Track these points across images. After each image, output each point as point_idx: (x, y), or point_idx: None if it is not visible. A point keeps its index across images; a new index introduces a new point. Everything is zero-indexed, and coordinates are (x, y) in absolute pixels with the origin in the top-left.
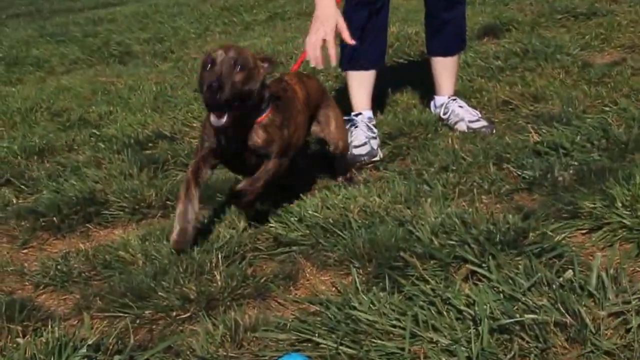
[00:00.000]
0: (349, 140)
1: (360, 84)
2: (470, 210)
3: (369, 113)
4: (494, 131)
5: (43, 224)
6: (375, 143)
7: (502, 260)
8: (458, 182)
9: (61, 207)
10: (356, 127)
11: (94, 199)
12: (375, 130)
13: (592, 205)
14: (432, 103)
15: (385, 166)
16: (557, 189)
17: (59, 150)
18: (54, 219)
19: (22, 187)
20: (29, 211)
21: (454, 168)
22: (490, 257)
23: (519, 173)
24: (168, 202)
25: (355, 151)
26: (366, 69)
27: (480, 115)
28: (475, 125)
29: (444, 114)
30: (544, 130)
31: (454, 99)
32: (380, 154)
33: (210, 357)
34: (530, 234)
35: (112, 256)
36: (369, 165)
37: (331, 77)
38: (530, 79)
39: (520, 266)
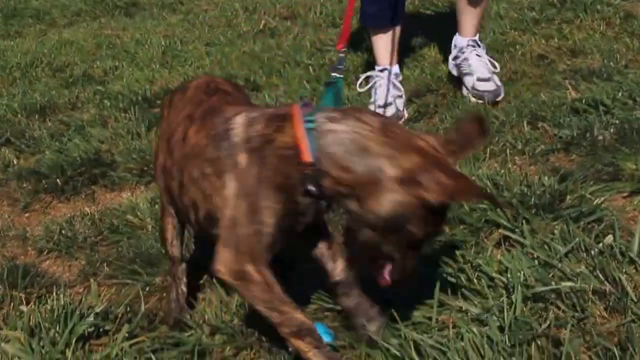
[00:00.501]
0: (372, 100)
1: (382, 38)
2: (503, 171)
3: (395, 69)
4: (499, 98)
5: (45, 186)
6: (401, 102)
7: (537, 225)
8: (490, 142)
9: (65, 169)
10: (380, 85)
11: (99, 160)
12: (401, 88)
13: (634, 167)
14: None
15: (411, 126)
16: (597, 149)
17: (62, 108)
18: (57, 180)
19: (23, 147)
20: (30, 173)
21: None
22: (523, 222)
23: (556, 132)
24: None
25: (380, 112)
26: (386, 25)
27: (495, 71)
28: (480, 87)
29: (455, 58)
30: (582, 87)
31: (473, 46)
32: (405, 113)
33: (225, 327)
34: (568, 197)
35: (119, 220)
36: None
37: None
38: (567, 31)
39: (556, 231)
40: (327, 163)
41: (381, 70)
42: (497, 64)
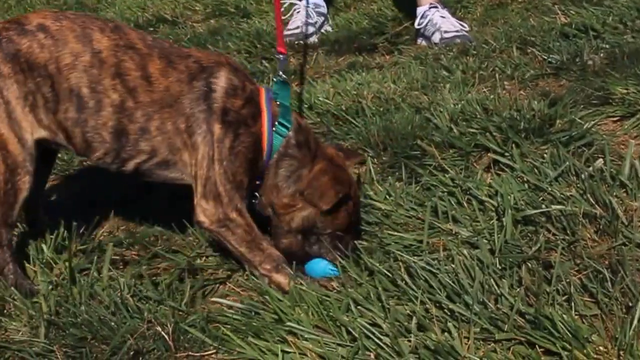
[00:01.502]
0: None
1: None
2: (492, 96)
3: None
4: (472, 42)
5: None
6: (309, 29)
7: (527, 148)
8: (479, 67)
9: None
10: (298, 11)
11: None
12: (315, 17)
13: (625, 91)
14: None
15: (400, 50)
16: (587, 74)
17: None
18: None
19: None
20: None
21: (475, 52)
22: (513, 146)
23: (545, 57)
24: None
25: (286, 32)
26: None
27: (463, 28)
28: (448, 35)
29: (419, 25)
30: (572, 11)
31: (435, 7)
32: (315, 40)
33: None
34: (557, 121)
35: None
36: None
37: None
38: None
39: (546, 155)
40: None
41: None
42: (465, 25)
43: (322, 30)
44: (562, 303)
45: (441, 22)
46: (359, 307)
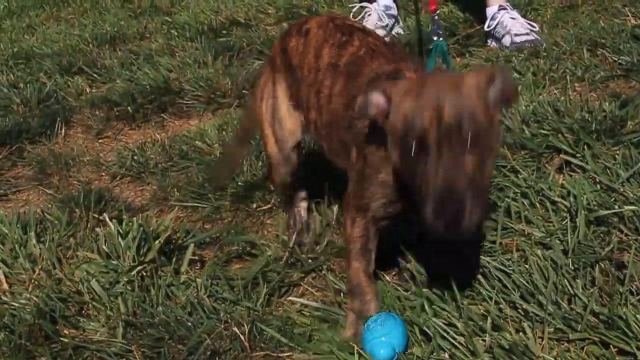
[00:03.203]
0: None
1: None
2: (563, 98)
3: (386, 1)
4: (543, 45)
5: (117, 113)
6: (381, 32)
7: (598, 150)
8: (550, 69)
9: (135, 96)
10: (369, 14)
11: (168, 88)
12: (386, 20)
13: None
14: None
15: (471, 52)
16: None
17: (131, 38)
18: (129, 108)
19: (95, 76)
20: (102, 101)
21: (545, 54)
22: (585, 147)
23: (615, 59)
24: (244, 91)
25: None
26: None
27: (533, 30)
28: (518, 39)
29: (488, 27)
30: None
31: (504, 8)
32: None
33: (291, 249)
34: (629, 122)
35: (188, 146)
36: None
37: None
38: None
39: (617, 156)
40: None
41: (371, 2)
42: (535, 25)
43: (394, 33)
44: (635, 303)
45: (511, 24)
46: (433, 306)
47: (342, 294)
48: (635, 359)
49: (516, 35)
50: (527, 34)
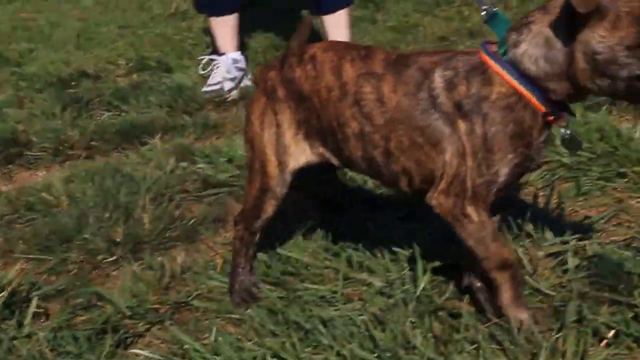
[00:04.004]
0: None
1: (219, 25)
2: None
3: (234, 55)
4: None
5: None
6: (229, 84)
7: None
8: None
9: None
10: (218, 67)
11: (16, 140)
12: (235, 72)
13: None
14: None
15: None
16: None
17: None
18: None
19: None
20: None
21: None
22: None
23: None
24: (92, 143)
25: (206, 88)
26: (221, 13)
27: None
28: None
29: None
30: None
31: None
32: (235, 94)
33: (137, 301)
34: None
35: (35, 198)
36: None
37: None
38: (467, 13)
39: None
40: (541, 79)
41: (220, 55)
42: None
43: (242, 85)
44: (470, 351)
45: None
46: (274, 358)
47: (184, 346)
48: None
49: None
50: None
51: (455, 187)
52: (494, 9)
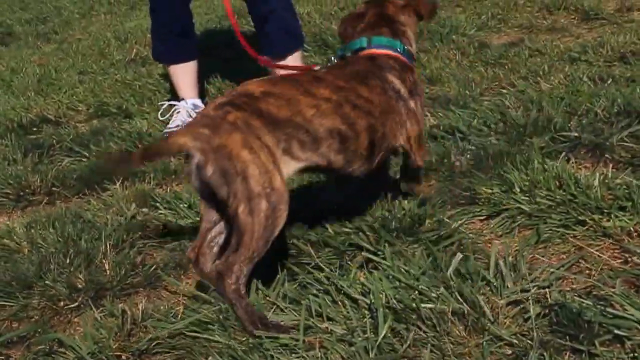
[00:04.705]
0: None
1: (178, 72)
2: (364, 196)
3: (193, 101)
4: None
5: None
6: None
7: (398, 247)
8: None
9: None
10: (178, 112)
11: None
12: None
13: (490, 191)
14: None
15: None
16: (454, 174)
17: None
18: None
19: None
20: None
21: None
22: (386, 245)
23: None
24: (54, 189)
25: (166, 130)
26: (179, 61)
27: None
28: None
29: None
30: (440, 114)
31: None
32: None
33: (99, 348)
34: (427, 220)
35: None
36: None
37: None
38: (425, 60)
39: (416, 254)
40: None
41: (180, 100)
42: None
43: None
44: None
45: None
46: None
47: None
48: None
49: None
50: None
51: (419, 142)
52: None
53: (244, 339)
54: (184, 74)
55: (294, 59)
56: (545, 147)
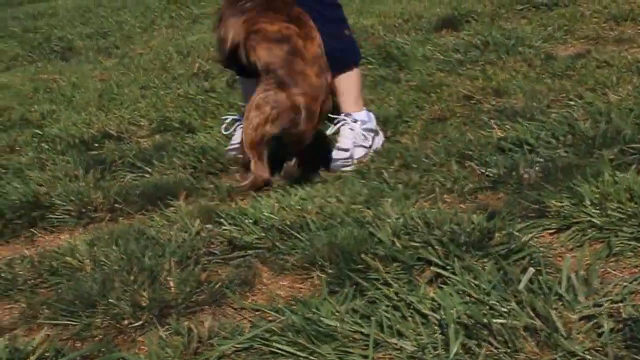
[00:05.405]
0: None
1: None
2: (433, 210)
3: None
4: (346, 168)
5: None
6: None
7: (468, 261)
8: (419, 181)
9: (4, 211)
10: (241, 127)
11: (38, 203)
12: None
13: (560, 204)
14: None
15: None
16: (523, 187)
17: (0, 151)
18: None
19: None
20: None
21: (415, 166)
22: (455, 259)
23: (483, 171)
24: (116, 205)
25: (230, 147)
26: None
27: (364, 145)
28: (335, 154)
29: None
30: (507, 126)
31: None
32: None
33: None
34: (496, 234)
35: (58, 262)
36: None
37: None
38: (491, 72)
39: (486, 268)
40: None
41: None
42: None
43: None
44: None
45: (344, 136)
46: None
47: None
48: None
49: (338, 148)
50: (347, 150)
51: None
52: None
53: (311, 351)
54: (253, 86)
55: (347, 77)
56: (615, 159)
